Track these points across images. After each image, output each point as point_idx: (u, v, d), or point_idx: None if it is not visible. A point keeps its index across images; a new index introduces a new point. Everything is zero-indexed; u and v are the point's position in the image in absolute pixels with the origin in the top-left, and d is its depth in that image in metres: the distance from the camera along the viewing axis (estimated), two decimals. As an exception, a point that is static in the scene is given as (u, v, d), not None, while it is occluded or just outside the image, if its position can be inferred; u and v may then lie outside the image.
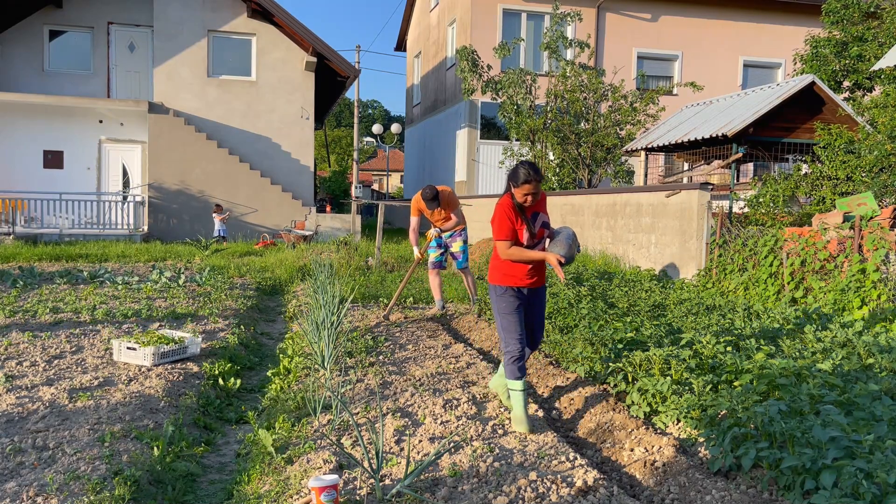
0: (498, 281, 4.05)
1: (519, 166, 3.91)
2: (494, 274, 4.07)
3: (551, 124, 17.04)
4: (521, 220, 3.96)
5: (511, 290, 4.02)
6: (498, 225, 3.95)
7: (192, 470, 3.70)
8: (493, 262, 4.10)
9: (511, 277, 4.02)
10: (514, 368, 3.97)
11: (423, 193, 7.38)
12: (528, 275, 4.04)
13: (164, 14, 18.90)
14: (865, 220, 7.12)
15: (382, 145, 43.81)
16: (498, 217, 3.96)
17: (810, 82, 10.87)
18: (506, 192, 4.05)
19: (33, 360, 5.33)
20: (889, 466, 2.70)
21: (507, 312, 4.00)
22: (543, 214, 4.11)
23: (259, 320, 8.28)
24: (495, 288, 4.06)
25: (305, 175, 20.03)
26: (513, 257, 3.94)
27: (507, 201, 3.98)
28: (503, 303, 4.01)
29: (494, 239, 3.97)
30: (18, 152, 18.87)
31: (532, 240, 4.02)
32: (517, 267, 4.00)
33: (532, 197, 3.90)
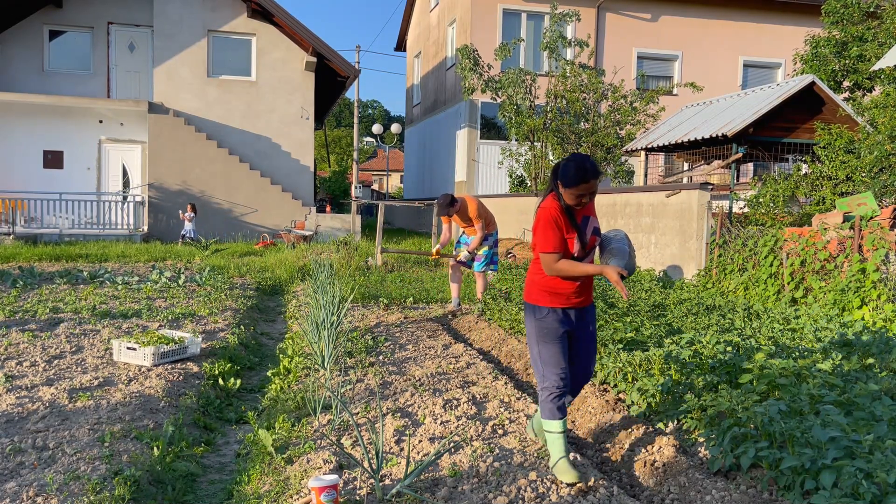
0: (537, 300, 3.34)
1: (571, 161, 3.22)
2: (532, 291, 3.37)
3: (551, 124, 17.04)
4: (571, 228, 3.28)
5: (554, 311, 3.30)
6: (542, 234, 3.24)
7: (192, 470, 3.70)
8: (533, 278, 3.39)
9: (554, 296, 3.31)
10: (551, 407, 3.26)
11: (438, 199, 7.59)
12: (575, 292, 3.34)
13: (163, 14, 18.90)
14: (865, 220, 7.12)
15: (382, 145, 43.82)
16: (542, 225, 3.25)
17: (810, 82, 10.87)
18: (548, 193, 3.34)
19: (33, 360, 5.33)
20: (889, 466, 2.70)
21: (548, 340, 3.28)
22: (594, 219, 3.41)
23: (259, 320, 8.28)
24: (534, 309, 3.34)
25: (305, 175, 20.03)
26: (563, 273, 3.23)
27: (552, 204, 3.28)
28: (543, 327, 3.29)
29: (538, 251, 3.28)
30: (18, 152, 18.87)
31: (583, 251, 3.31)
32: (562, 283, 3.31)
33: (588, 197, 3.23)
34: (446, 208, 7.54)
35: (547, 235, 3.25)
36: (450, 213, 7.62)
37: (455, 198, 7.62)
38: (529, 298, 3.40)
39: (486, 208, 7.88)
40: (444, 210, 7.57)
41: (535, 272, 3.38)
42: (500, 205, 17.62)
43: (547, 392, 3.28)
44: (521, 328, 6.55)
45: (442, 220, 8.07)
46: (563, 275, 3.25)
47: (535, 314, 3.34)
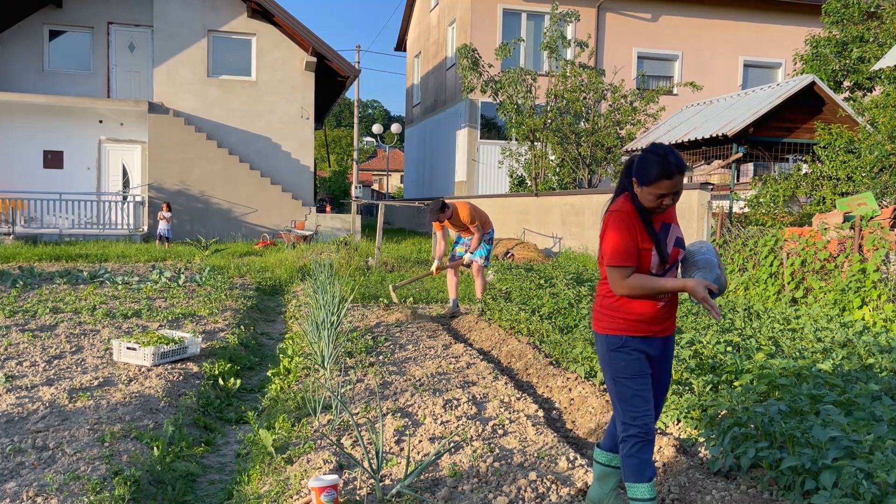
0: (608, 327, 2.74)
1: (650, 153, 2.64)
2: (602, 317, 2.77)
3: (551, 124, 17.04)
4: (648, 237, 2.67)
5: (634, 341, 2.71)
6: (611, 244, 2.66)
7: (192, 470, 3.70)
8: (603, 301, 2.78)
9: (634, 322, 2.71)
10: (639, 462, 2.66)
11: (430, 205, 7.59)
12: (658, 315, 2.73)
13: (164, 14, 18.90)
14: (865, 220, 7.12)
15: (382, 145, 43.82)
16: (611, 232, 2.67)
17: (810, 82, 10.87)
18: (620, 194, 2.76)
19: (33, 360, 5.33)
20: (889, 466, 2.70)
21: (630, 375, 2.70)
22: (676, 227, 2.81)
23: (259, 320, 8.28)
24: (608, 339, 2.74)
25: (305, 175, 20.03)
26: (636, 291, 2.65)
27: (626, 208, 2.68)
28: (622, 362, 2.71)
29: (605, 264, 2.69)
30: (18, 152, 18.88)
31: (662, 266, 2.70)
32: (643, 305, 2.70)
33: (672, 199, 2.65)
34: (437, 214, 7.54)
35: (616, 245, 2.64)
36: (441, 219, 7.61)
37: (446, 203, 7.61)
38: (599, 326, 2.78)
39: (479, 209, 7.87)
40: (435, 216, 7.57)
41: (605, 293, 2.78)
42: (500, 205, 17.61)
43: (633, 441, 2.66)
44: (521, 328, 6.55)
45: (434, 228, 8.03)
46: (636, 292, 2.66)
47: (609, 345, 2.73)
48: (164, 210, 16.97)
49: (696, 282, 2.61)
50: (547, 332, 5.94)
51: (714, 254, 2.79)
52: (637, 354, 2.71)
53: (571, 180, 17.49)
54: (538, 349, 5.92)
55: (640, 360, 2.71)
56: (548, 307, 6.60)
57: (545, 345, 5.92)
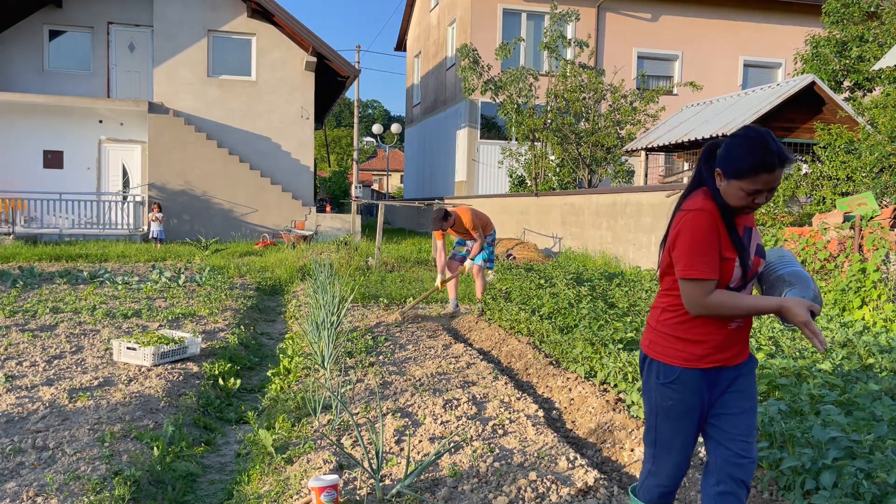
0: (663, 353, 2.31)
1: (745, 139, 2.18)
2: (657, 339, 2.34)
3: (551, 124, 17.05)
4: (732, 244, 2.22)
5: (692, 376, 2.26)
6: (688, 252, 2.19)
7: (192, 470, 3.70)
8: (662, 317, 2.34)
9: (697, 347, 2.26)
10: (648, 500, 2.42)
11: (432, 213, 7.60)
12: (729, 340, 2.29)
13: (163, 14, 18.91)
14: (866, 220, 7.12)
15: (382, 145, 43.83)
16: (690, 237, 2.20)
17: (810, 82, 10.88)
18: (695, 188, 2.30)
19: (33, 360, 5.33)
20: (889, 466, 2.70)
21: (674, 416, 2.29)
22: (756, 231, 2.36)
23: (259, 320, 8.28)
24: (660, 368, 2.31)
25: (305, 175, 20.03)
26: (719, 311, 2.19)
27: (706, 206, 2.22)
28: (669, 400, 2.29)
29: (680, 276, 2.22)
30: (18, 152, 18.88)
31: (743, 279, 2.25)
32: (710, 326, 2.25)
33: (766, 196, 2.20)
34: (440, 222, 7.57)
35: (697, 253, 2.17)
36: (444, 228, 7.64)
37: (448, 212, 7.64)
38: (652, 350, 2.34)
39: (480, 214, 7.91)
40: (438, 224, 7.59)
41: (666, 305, 2.33)
42: (500, 205, 17.62)
43: (651, 487, 2.39)
44: (521, 328, 6.54)
45: (435, 236, 8.04)
46: (716, 314, 2.20)
47: (657, 375, 2.30)
48: (155, 211, 16.84)
49: (796, 302, 2.14)
50: (547, 332, 5.94)
51: (798, 264, 2.37)
52: (690, 395, 2.25)
53: (571, 180, 17.50)
54: (538, 349, 5.92)
55: (692, 402, 2.25)
56: (548, 307, 6.60)
57: (545, 345, 5.92)
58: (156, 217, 16.75)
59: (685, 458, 2.34)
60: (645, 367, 2.38)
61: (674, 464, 2.33)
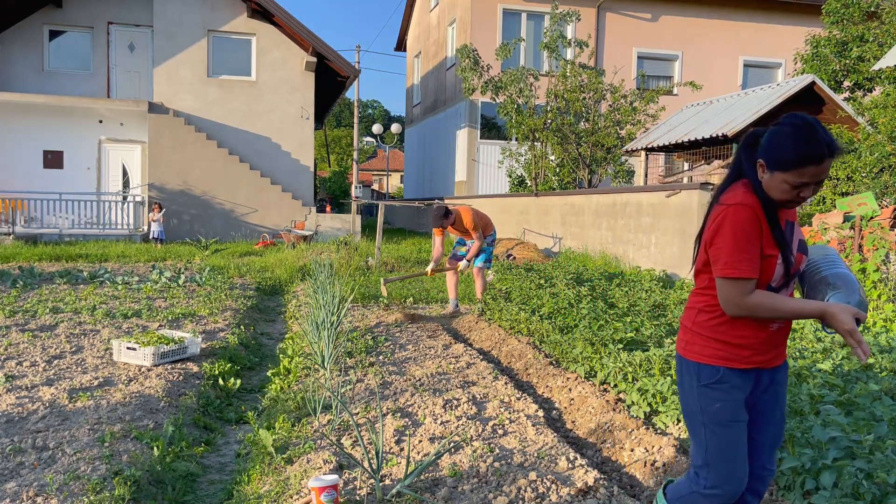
0: (708, 355, 2.19)
1: (791, 127, 2.04)
2: (695, 340, 2.23)
3: (551, 124, 17.05)
4: (774, 240, 2.11)
5: (735, 375, 2.17)
6: (730, 249, 2.07)
7: (192, 470, 3.70)
8: (698, 318, 2.23)
9: (737, 349, 2.16)
10: None
11: (432, 210, 7.59)
12: (769, 341, 2.19)
13: (163, 14, 18.91)
14: (865, 221, 7.12)
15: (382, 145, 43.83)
16: (730, 233, 2.07)
17: (810, 82, 10.88)
18: (734, 179, 2.18)
19: (33, 360, 5.33)
20: (889, 466, 2.70)
21: (727, 421, 2.16)
22: (797, 227, 2.25)
23: (259, 320, 8.28)
24: (700, 370, 2.20)
25: (305, 175, 20.04)
26: (758, 312, 2.08)
27: (747, 199, 2.09)
28: (717, 402, 2.17)
29: (717, 275, 2.11)
30: (18, 152, 18.88)
31: (786, 278, 2.15)
32: (752, 327, 2.15)
33: (813, 190, 2.08)
34: (440, 220, 7.56)
35: (737, 250, 2.05)
36: (444, 226, 7.64)
37: (449, 210, 7.64)
38: (689, 352, 2.22)
39: (481, 214, 7.91)
40: (439, 222, 7.59)
41: (702, 306, 2.22)
42: (500, 205, 17.62)
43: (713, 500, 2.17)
44: (521, 328, 6.54)
45: (434, 233, 8.06)
46: (755, 315, 2.08)
47: (699, 377, 2.18)
48: (155, 212, 16.81)
49: (841, 308, 2.00)
50: (547, 332, 5.94)
51: (845, 265, 2.21)
52: (736, 394, 2.15)
53: (571, 180, 17.50)
54: (538, 349, 5.92)
55: (740, 401, 2.16)
56: (548, 307, 6.60)
57: (545, 345, 5.92)
58: (156, 217, 16.74)
59: (746, 461, 2.16)
60: (683, 371, 2.22)
61: (738, 478, 2.13)
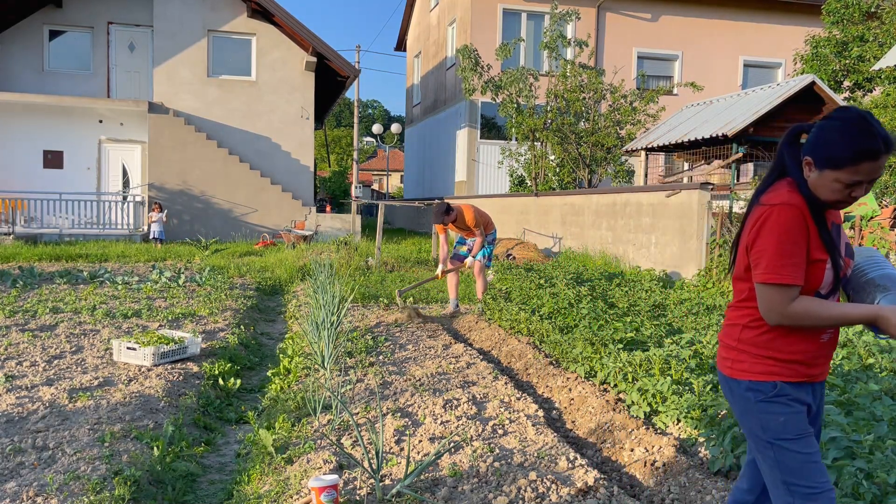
0: (761, 371, 2.00)
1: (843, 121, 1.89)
2: (746, 356, 2.03)
3: (551, 124, 17.05)
4: (822, 244, 1.95)
5: (791, 387, 1.99)
6: (774, 252, 1.90)
7: (192, 470, 3.70)
8: (744, 333, 2.04)
9: (789, 364, 1.99)
10: None
11: (434, 207, 7.59)
12: (820, 354, 2.03)
13: (164, 14, 18.91)
14: (866, 221, 7.12)
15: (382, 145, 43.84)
16: (774, 235, 1.90)
17: (810, 82, 10.88)
18: (776, 177, 2.00)
19: (33, 360, 5.33)
20: (889, 466, 2.70)
21: (797, 435, 1.97)
22: (842, 228, 2.11)
23: (259, 320, 8.28)
24: (755, 387, 2.00)
25: (305, 175, 20.04)
26: (803, 321, 1.92)
27: (796, 201, 1.92)
28: (781, 416, 1.98)
29: (759, 280, 1.94)
30: (18, 152, 18.88)
31: (834, 284, 2.00)
32: (804, 339, 1.99)
33: (866, 188, 1.92)
34: (442, 216, 7.56)
35: (781, 255, 1.89)
36: (445, 222, 7.64)
37: (451, 206, 7.63)
38: (737, 369, 2.03)
39: (482, 212, 7.92)
40: (440, 218, 7.58)
41: (747, 321, 2.03)
42: (500, 205, 17.62)
43: None
44: (521, 328, 6.54)
45: (437, 230, 8.06)
46: (799, 324, 1.92)
47: (754, 394, 1.99)
48: (156, 211, 16.77)
49: (894, 310, 1.86)
50: (547, 332, 5.94)
51: (892, 266, 2.06)
52: (798, 406, 1.98)
53: (571, 180, 17.50)
54: (538, 349, 5.92)
55: (803, 413, 1.98)
56: (548, 307, 6.60)
57: (545, 345, 5.92)
58: (156, 217, 16.74)
59: (827, 475, 1.96)
60: (734, 392, 2.03)
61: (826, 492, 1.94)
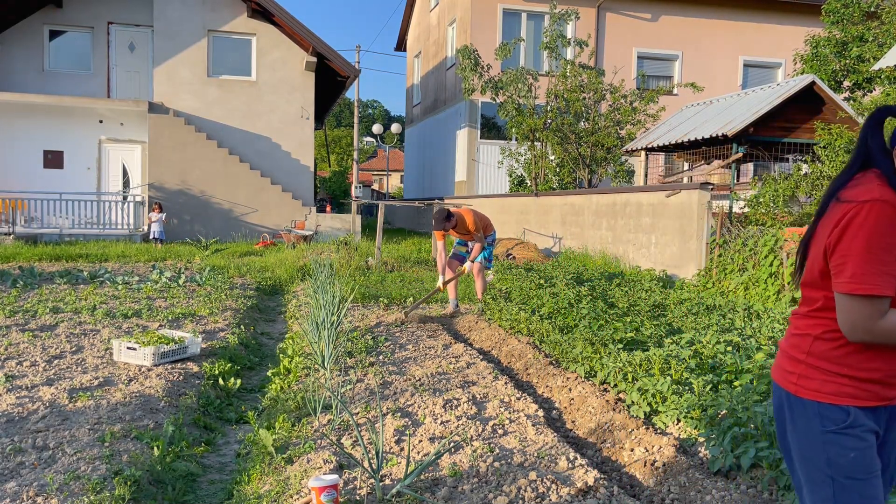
0: (833, 393, 1.74)
1: None
2: (817, 374, 1.76)
3: (551, 124, 17.05)
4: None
5: (865, 414, 1.73)
6: (860, 258, 1.65)
7: (192, 470, 3.70)
8: (815, 347, 1.77)
9: (866, 384, 1.73)
10: None
11: (434, 213, 7.58)
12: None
13: (164, 14, 18.91)
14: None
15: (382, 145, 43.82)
16: (864, 239, 1.64)
17: (810, 82, 10.88)
18: (859, 168, 1.75)
19: (33, 360, 5.33)
20: (889, 466, 2.70)
21: (864, 475, 1.72)
22: None
23: (259, 320, 8.28)
24: (824, 411, 1.74)
25: (305, 175, 20.04)
26: (889, 338, 1.67)
27: (887, 196, 1.64)
28: (850, 451, 1.71)
29: (841, 290, 1.68)
30: (18, 152, 18.88)
31: None
32: (882, 355, 1.73)
33: None
34: (443, 223, 7.55)
35: (871, 261, 1.63)
36: (446, 228, 7.63)
37: (451, 212, 7.63)
38: (806, 389, 1.77)
39: (481, 215, 7.92)
40: (441, 225, 7.57)
41: (820, 333, 1.77)
42: (499, 205, 17.62)
43: None
44: (521, 328, 6.54)
45: (436, 237, 8.03)
46: (883, 341, 1.68)
47: (821, 421, 1.73)
48: (156, 211, 16.77)
49: None
50: (547, 331, 5.94)
51: None
52: (871, 439, 1.72)
53: (571, 180, 17.49)
54: (538, 349, 5.92)
55: (874, 447, 1.73)
56: (548, 307, 6.60)
57: (545, 345, 5.92)
58: (157, 217, 16.74)
59: None
60: (796, 413, 1.77)
61: None
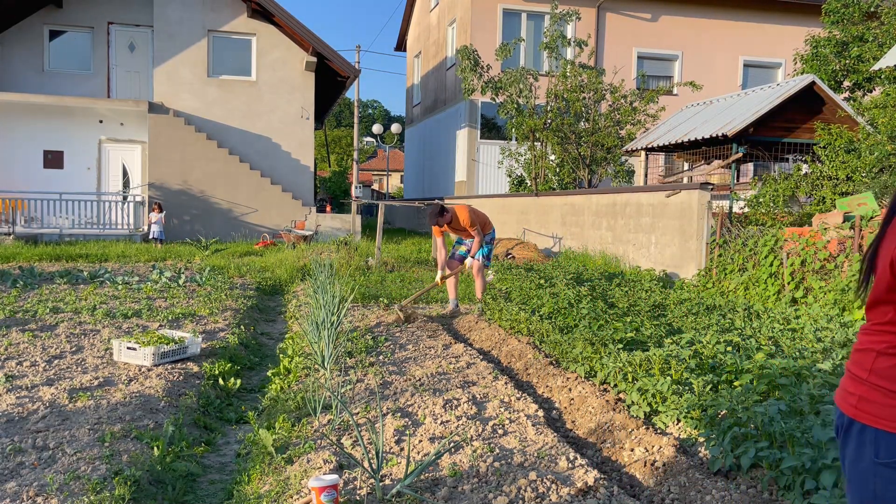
0: (891, 419, 1.53)
1: None
2: (879, 399, 1.55)
3: (551, 124, 17.05)
4: None
5: None
6: None
7: (192, 470, 3.70)
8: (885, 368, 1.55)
9: None
10: None
11: (428, 210, 7.59)
12: None
13: (164, 14, 18.91)
14: (866, 220, 7.12)
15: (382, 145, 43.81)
16: None
17: (810, 82, 10.88)
18: None
19: (33, 360, 5.33)
20: None
21: None
22: None
23: (259, 320, 8.28)
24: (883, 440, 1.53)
25: (305, 175, 20.04)
26: None
27: None
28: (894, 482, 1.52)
29: None
30: (18, 152, 18.88)
31: None
32: None
33: None
34: (436, 217, 7.56)
35: None
36: (440, 223, 7.64)
37: (445, 207, 7.63)
38: (867, 413, 1.56)
39: (478, 212, 7.92)
40: (434, 219, 7.59)
41: (888, 354, 1.56)
42: (499, 205, 17.61)
43: None
44: (521, 328, 6.54)
45: (434, 233, 8.06)
46: None
47: (879, 450, 1.53)
48: (156, 211, 16.79)
49: None
50: (547, 331, 5.94)
51: None
52: None
53: (571, 180, 17.49)
54: (538, 349, 5.92)
55: None
56: (548, 307, 6.60)
57: (545, 345, 5.92)
58: (157, 217, 16.74)
59: None
60: (851, 437, 1.59)
61: None
